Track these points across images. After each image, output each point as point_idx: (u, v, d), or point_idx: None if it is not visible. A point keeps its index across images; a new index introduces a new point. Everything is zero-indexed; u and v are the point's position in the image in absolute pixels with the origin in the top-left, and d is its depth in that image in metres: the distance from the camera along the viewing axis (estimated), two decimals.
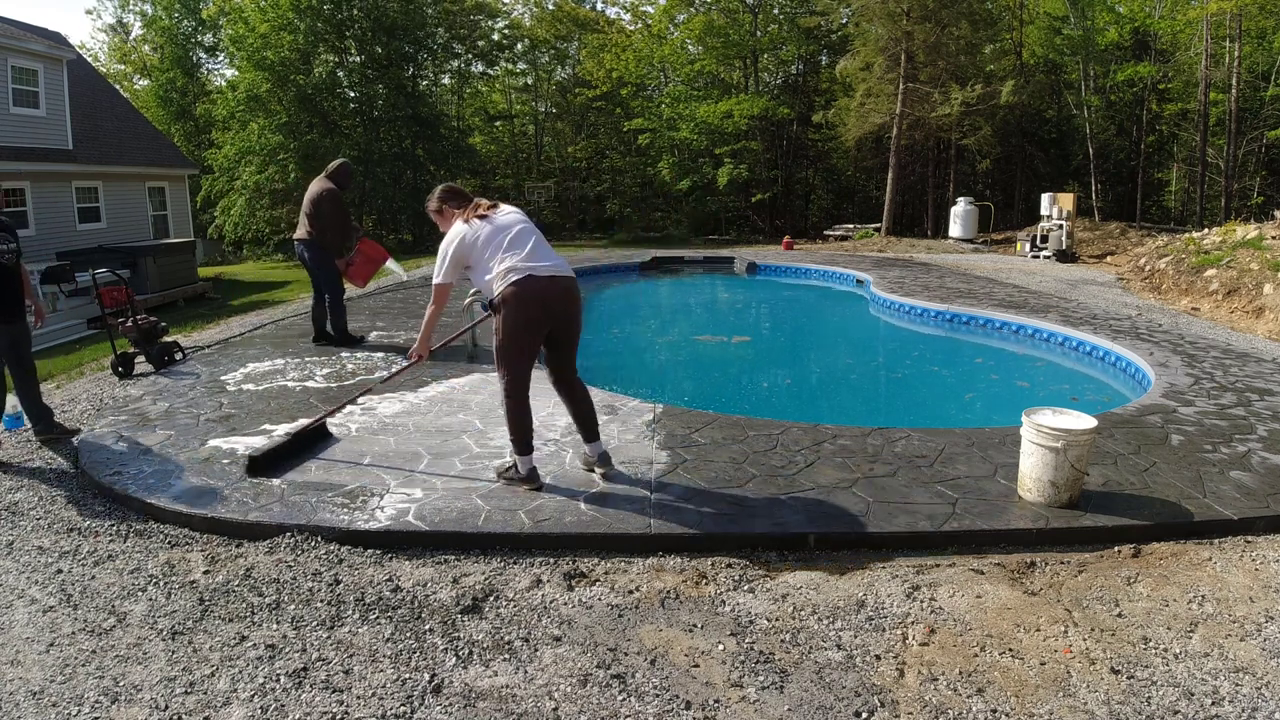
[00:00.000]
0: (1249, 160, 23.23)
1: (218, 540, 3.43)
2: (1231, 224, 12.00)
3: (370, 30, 24.72)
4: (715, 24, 26.70)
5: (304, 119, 23.59)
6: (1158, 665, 2.54)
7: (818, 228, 26.47)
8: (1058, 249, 15.25)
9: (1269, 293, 8.95)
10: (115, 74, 34.84)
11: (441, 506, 3.57)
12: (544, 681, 2.46)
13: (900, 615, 2.82)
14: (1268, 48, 21.67)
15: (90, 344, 9.79)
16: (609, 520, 3.43)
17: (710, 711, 2.32)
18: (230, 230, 23.89)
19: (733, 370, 8.14)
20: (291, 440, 4.24)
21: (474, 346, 6.75)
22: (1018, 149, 25.33)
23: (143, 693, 2.41)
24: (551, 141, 33.87)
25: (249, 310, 11.42)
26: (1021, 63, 25.00)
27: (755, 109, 25.39)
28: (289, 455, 4.16)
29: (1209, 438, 4.52)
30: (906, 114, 20.91)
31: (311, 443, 4.36)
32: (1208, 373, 6.04)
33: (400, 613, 2.83)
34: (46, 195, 14.66)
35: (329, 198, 6.83)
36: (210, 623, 2.79)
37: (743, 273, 14.49)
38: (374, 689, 2.41)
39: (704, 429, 4.64)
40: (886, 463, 4.09)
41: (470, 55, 29.64)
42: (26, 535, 3.52)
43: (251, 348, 7.21)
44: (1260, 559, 3.22)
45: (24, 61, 14.09)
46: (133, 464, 4.16)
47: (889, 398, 7.07)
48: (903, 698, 2.38)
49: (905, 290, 10.43)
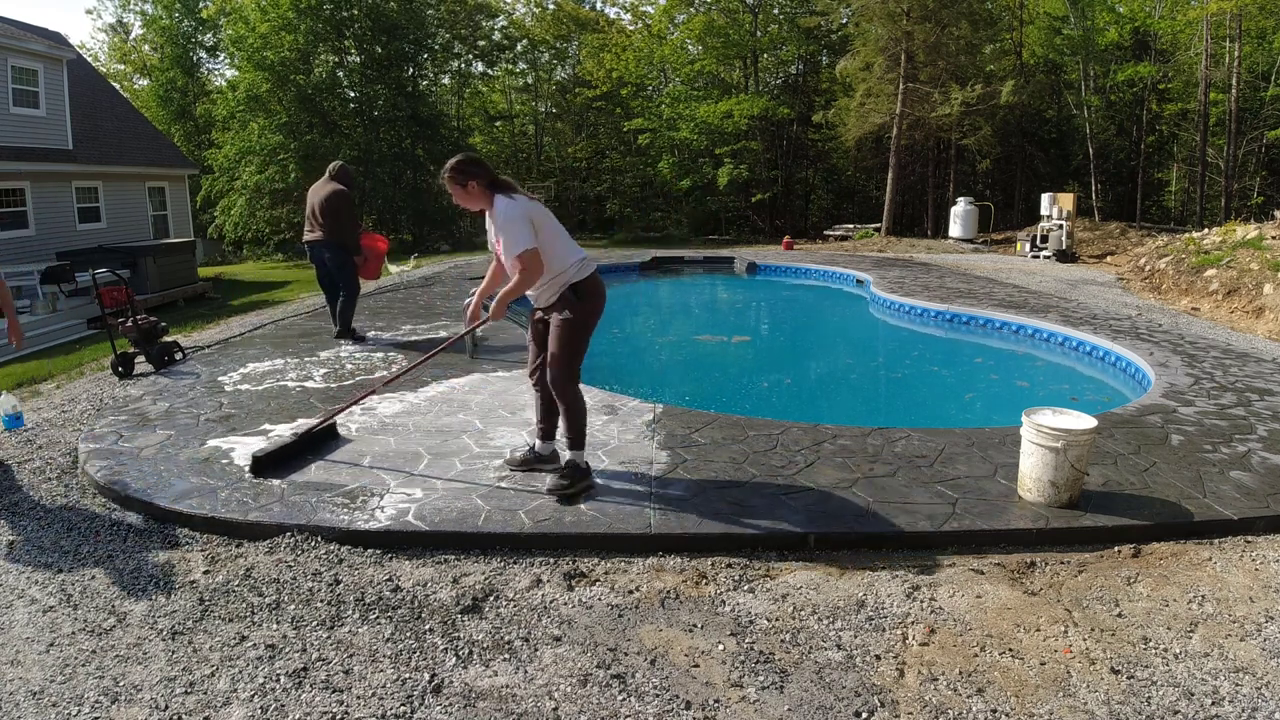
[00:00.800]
0: (1249, 160, 23.23)
1: (218, 540, 3.43)
2: (1231, 224, 12.00)
3: (370, 30, 24.74)
4: (715, 24, 26.72)
5: (304, 119, 23.60)
6: (1158, 665, 2.54)
7: (818, 228, 26.48)
8: (1058, 249, 15.25)
9: (1269, 293, 8.95)
10: (115, 74, 34.85)
11: (441, 506, 3.57)
12: (544, 681, 2.46)
13: (900, 615, 2.82)
14: (1268, 48, 21.68)
15: (90, 344, 9.79)
16: (609, 520, 3.43)
17: (710, 711, 2.32)
18: (230, 230, 23.90)
19: (733, 370, 8.13)
20: (298, 440, 4.21)
21: (474, 346, 6.75)
22: (1018, 149, 25.34)
23: (143, 693, 2.41)
24: (551, 141, 33.89)
25: (249, 310, 11.41)
26: (1021, 63, 25.01)
27: (755, 109, 25.41)
28: (294, 455, 4.13)
29: (1209, 438, 4.52)
30: (906, 114, 20.91)
31: (320, 443, 4.34)
32: (1208, 373, 6.04)
33: (400, 613, 2.83)
34: (46, 195, 14.67)
35: (344, 199, 6.97)
36: (210, 623, 2.79)
37: (743, 273, 14.49)
38: (374, 689, 2.42)
39: (704, 429, 4.64)
40: (886, 463, 4.09)
41: (470, 55, 29.67)
42: (26, 535, 3.52)
43: (251, 348, 7.21)
44: (1260, 559, 3.22)
45: (24, 61, 14.09)
46: (133, 464, 4.16)
47: (889, 398, 7.07)
48: (903, 698, 2.38)
49: (905, 290, 10.43)
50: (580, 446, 3.75)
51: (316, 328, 8.18)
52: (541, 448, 3.98)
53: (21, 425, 4.99)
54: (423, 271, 14.40)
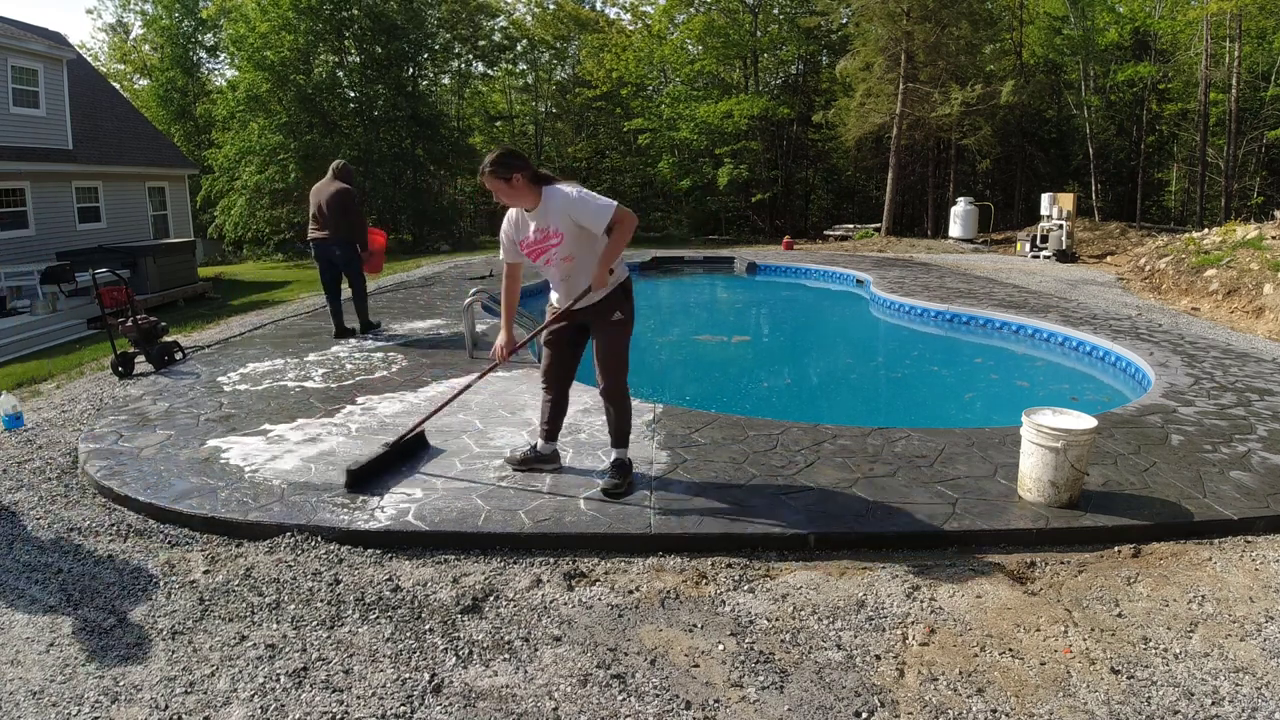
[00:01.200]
0: (1249, 160, 23.24)
1: (218, 540, 3.43)
2: (1231, 224, 12.00)
3: (370, 30, 24.73)
4: (715, 24, 26.73)
5: (304, 119, 23.60)
6: (1158, 665, 2.54)
7: (818, 228, 26.48)
8: (1058, 249, 15.25)
9: (1269, 293, 8.95)
10: (115, 74, 34.85)
11: (441, 506, 3.57)
12: (544, 681, 2.46)
13: (900, 615, 2.82)
14: (1268, 48, 21.68)
15: (90, 344, 9.79)
16: (609, 520, 3.43)
17: (710, 711, 2.32)
18: (230, 230, 23.90)
19: (733, 370, 8.13)
20: (390, 451, 4.00)
21: (474, 346, 6.75)
22: (1018, 149, 25.34)
23: (143, 692, 2.41)
24: (551, 141, 33.89)
25: (249, 310, 11.41)
26: (1021, 63, 25.01)
27: (755, 109, 25.41)
28: (388, 466, 3.96)
29: (1209, 438, 4.52)
30: (906, 114, 20.92)
31: (412, 452, 4.17)
32: (1208, 373, 6.04)
33: (400, 613, 2.83)
34: (46, 195, 14.66)
35: (351, 197, 7.15)
36: (210, 622, 2.79)
37: (743, 273, 14.49)
38: (374, 689, 2.42)
39: (704, 429, 4.64)
40: (886, 463, 4.09)
41: (470, 55, 29.66)
42: (26, 535, 3.52)
43: (251, 348, 7.21)
44: (1260, 559, 3.22)
45: (24, 61, 14.08)
46: (133, 464, 4.16)
47: (889, 398, 7.07)
48: (903, 698, 2.38)
49: (905, 290, 10.43)
50: (627, 444, 3.81)
51: (316, 328, 8.18)
52: (544, 448, 3.97)
53: (21, 425, 4.99)
54: (423, 271, 14.41)
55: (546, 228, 3.43)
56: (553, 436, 3.96)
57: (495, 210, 33.44)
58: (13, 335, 10.23)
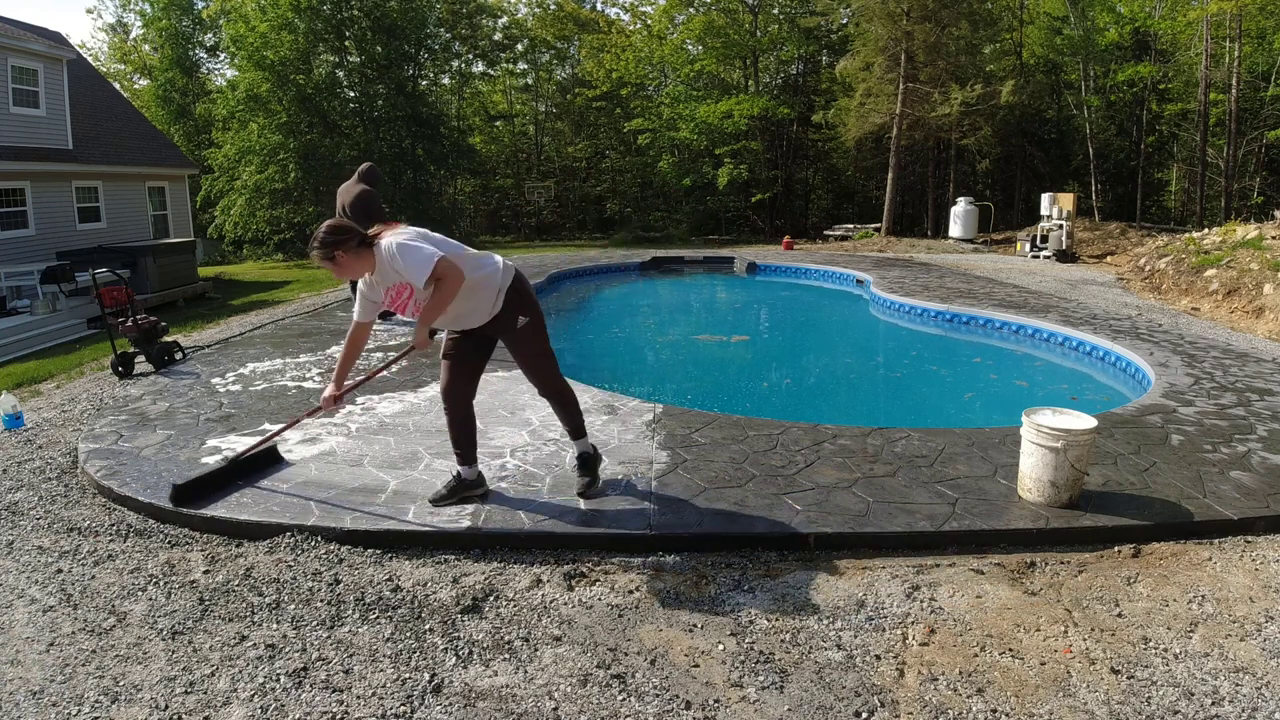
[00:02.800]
0: (1249, 160, 23.23)
1: (218, 540, 3.43)
2: (1231, 224, 12.00)
3: (370, 30, 24.72)
4: (715, 24, 26.69)
5: (304, 119, 23.57)
6: (1158, 665, 2.54)
7: (818, 228, 26.45)
8: (1058, 249, 15.25)
9: (1269, 293, 8.95)
10: (115, 74, 34.83)
11: (441, 506, 3.56)
12: (544, 681, 2.46)
13: (900, 615, 2.82)
14: (1268, 48, 21.67)
15: (90, 344, 9.78)
16: (609, 520, 3.43)
17: (710, 711, 2.32)
18: (230, 230, 23.88)
19: (732, 370, 8.13)
20: (230, 466, 3.83)
21: None
22: (1018, 149, 25.33)
23: (143, 692, 2.41)
24: (551, 141, 33.86)
25: (249, 310, 11.41)
26: (1021, 63, 25.00)
27: (755, 109, 25.38)
28: (225, 482, 3.78)
29: (1209, 438, 4.52)
30: (906, 114, 20.90)
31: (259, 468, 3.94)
32: (1208, 373, 6.04)
33: (400, 613, 2.83)
34: (46, 195, 14.65)
35: (373, 199, 7.40)
36: (210, 622, 2.79)
37: (743, 273, 14.49)
38: (374, 689, 2.42)
39: (704, 429, 4.64)
40: (886, 463, 4.09)
41: (471, 55, 29.64)
42: (26, 535, 3.52)
43: (251, 348, 7.21)
44: (1260, 559, 3.22)
45: (24, 61, 14.07)
46: (133, 464, 4.16)
47: (889, 398, 7.07)
48: (903, 698, 2.38)
49: (905, 290, 10.43)
50: (585, 433, 3.72)
51: (316, 327, 8.18)
52: (467, 473, 3.62)
53: (21, 425, 4.99)
54: None
55: (394, 284, 3.25)
56: (470, 459, 3.61)
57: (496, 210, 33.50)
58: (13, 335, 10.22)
